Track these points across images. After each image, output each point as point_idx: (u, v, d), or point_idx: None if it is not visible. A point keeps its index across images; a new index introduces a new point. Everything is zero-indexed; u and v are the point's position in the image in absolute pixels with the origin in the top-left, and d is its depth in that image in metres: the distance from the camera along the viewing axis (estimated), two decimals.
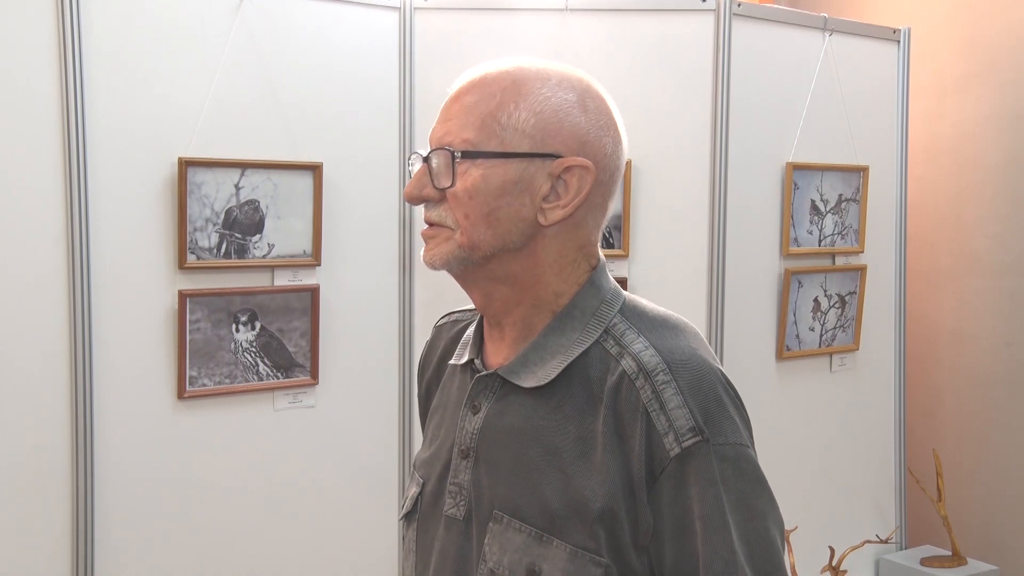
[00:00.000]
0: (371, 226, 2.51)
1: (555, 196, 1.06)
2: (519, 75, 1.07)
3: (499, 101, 1.05)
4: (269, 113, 2.34)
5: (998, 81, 3.09)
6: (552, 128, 1.05)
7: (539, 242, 1.07)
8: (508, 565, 1.04)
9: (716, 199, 2.58)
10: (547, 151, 1.05)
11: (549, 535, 1.03)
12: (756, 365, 2.75)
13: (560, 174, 1.05)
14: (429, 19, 2.54)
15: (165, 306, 2.22)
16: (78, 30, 2.08)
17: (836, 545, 2.78)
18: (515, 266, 1.07)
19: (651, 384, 1.02)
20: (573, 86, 1.08)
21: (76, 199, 2.09)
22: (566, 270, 1.09)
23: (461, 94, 1.08)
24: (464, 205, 1.05)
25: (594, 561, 1.01)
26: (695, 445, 1.00)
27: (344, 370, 2.48)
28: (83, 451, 2.12)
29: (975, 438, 3.18)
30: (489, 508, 1.07)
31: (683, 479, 1.00)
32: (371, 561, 2.52)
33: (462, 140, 1.05)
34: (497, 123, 1.04)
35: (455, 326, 1.28)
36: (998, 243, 3.11)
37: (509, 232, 1.05)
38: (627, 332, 1.07)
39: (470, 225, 1.05)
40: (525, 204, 1.05)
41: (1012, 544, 3.07)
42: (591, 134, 1.07)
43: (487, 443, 1.10)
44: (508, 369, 1.09)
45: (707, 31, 2.57)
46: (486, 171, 1.04)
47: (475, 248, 1.05)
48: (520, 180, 1.04)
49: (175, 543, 2.26)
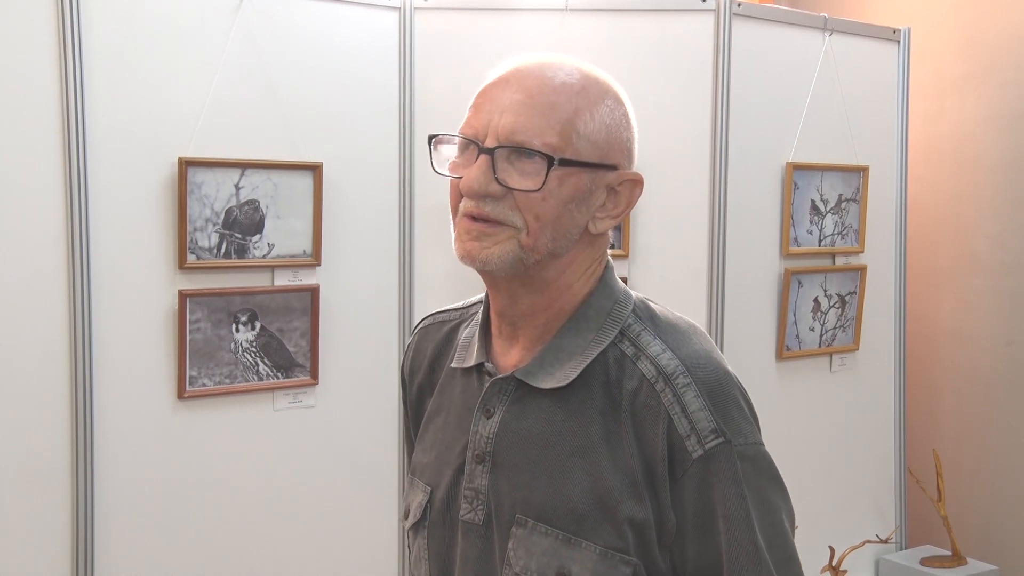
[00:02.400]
0: (371, 226, 2.51)
1: (606, 207, 1.08)
2: (584, 82, 1.07)
3: (575, 107, 1.04)
4: (269, 113, 2.34)
5: (998, 81, 3.09)
6: (615, 141, 1.07)
7: (578, 250, 1.08)
8: (536, 569, 1.04)
9: (716, 199, 2.58)
10: (610, 163, 1.07)
11: (577, 537, 1.03)
12: (756, 365, 2.75)
13: (616, 186, 1.08)
14: (429, 19, 2.54)
15: (165, 306, 2.22)
16: (78, 30, 2.08)
17: (836, 545, 2.78)
18: (551, 272, 1.08)
19: (671, 387, 1.03)
20: (622, 100, 1.10)
21: (76, 199, 2.09)
22: (593, 275, 1.11)
23: (521, 86, 1.04)
24: (537, 207, 1.03)
25: (624, 560, 1.02)
26: (718, 447, 1.02)
27: (344, 370, 2.48)
28: (83, 451, 2.12)
29: (975, 438, 3.18)
30: (511, 512, 1.07)
31: (706, 480, 1.02)
32: (371, 561, 2.52)
33: (544, 143, 1.02)
34: (575, 131, 1.04)
35: (442, 327, 1.26)
36: (998, 243, 3.11)
37: (565, 238, 1.06)
38: (643, 334, 1.08)
39: (539, 228, 1.04)
40: (583, 212, 1.07)
41: (1012, 544, 3.07)
42: (634, 148, 1.11)
43: (505, 447, 1.09)
44: (525, 371, 1.09)
45: (707, 31, 2.57)
46: (562, 177, 1.04)
47: (535, 251, 1.05)
48: (587, 189, 1.06)
49: (175, 543, 2.26)
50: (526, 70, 1.06)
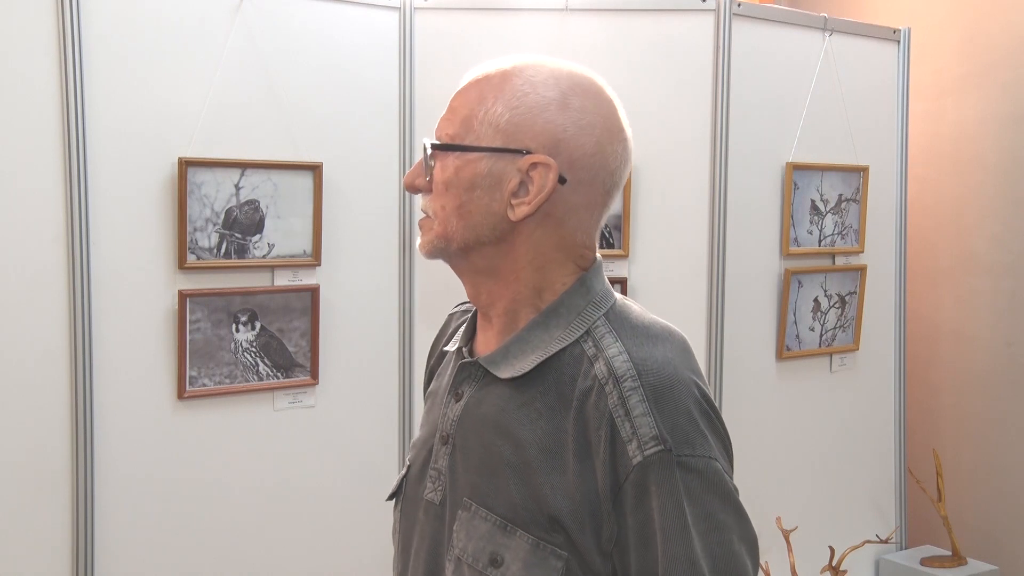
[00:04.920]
0: (371, 226, 2.51)
1: (524, 192, 1.06)
2: (510, 72, 1.08)
3: (481, 97, 1.07)
4: (269, 113, 2.34)
5: (998, 81, 3.09)
6: (524, 124, 1.06)
7: (516, 238, 1.08)
8: (472, 552, 1.05)
9: (716, 199, 2.58)
10: (517, 147, 1.06)
11: (513, 525, 1.03)
12: (756, 365, 2.75)
13: (527, 170, 1.06)
14: (429, 19, 2.54)
15: (165, 306, 2.22)
16: (78, 30, 2.08)
17: (836, 545, 2.78)
18: (495, 260, 1.09)
19: (618, 390, 1.01)
20: (559, 84, 1.07)
21: (76, 199, 2.09)
22: (547, 267, 1.09)
23: (460, 91, 1.11)
24: (440, 197, 1.08)
25: (555, 554, 1.01)
26: (657, 454, 0.99)
27: (344, 370, 2.48)
28: (83, 451, 2.12)
29: (975, 438, 3.18)
30: (461, 495, 1.09)
31: (645, 488, 0.99)
32: (371, 560, 2.51)
33: (445, 135, 1.09)
34: (475, 119, 1.07)
35: (463, 316, 1.29)
36: (998, 243, 3.11)
37: (480, 225, 1.07)
38: (606, 336, 1.06)
39: (445, 216, 1.08)
40: (495, 199, 1.06)
41: (1012, 544, 3.07)
42: (567, 132, 1.06)
43: (464, 431, 1.11)
44: (489, 359, 1.11)
45: (707, 31, 2.57)
46: (459, 165, 1.07)
47: (449, 239, 1.08)
48: (489, 174, 1.06)
49: (175, 543, 2.26)
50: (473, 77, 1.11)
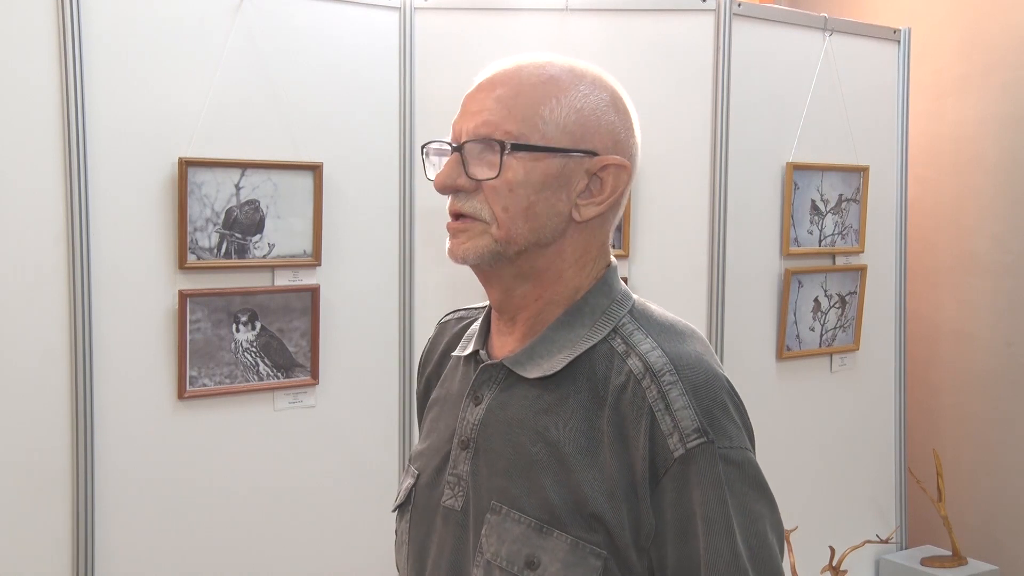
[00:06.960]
0: (371, 226, 2.51)
1: (589, 193, 1.07)
2: (555, 71, 1.07)
3: (540, 95, 1.05)
4: (269, 113, 2.34)
5: (998, 81, 3.09)
6: (591, 125, 1.07)
7: (567, 238, 1.08)
8: (506, 556, 1.04)
9: (716, 199, 2.58)
10: (586, 148, 1.06)
11: (550, 526, 1.03)
12: (756, 365, 2.75)
13: (597, 171, 1.07)
14: (429, 19, 2.54)
15: (165, 306, 2.22)
16: (78, 30, 2.08)
17: (836, 545, 2.78)
18: (541, 261, 1.08)
19: (657, 384, 1.02)
20: (605, 86, 1.10)
21: (76, 199, 2.09)
22: (587, 267, 1.11)
23: (494, 86, 1.07)
24: (504, 198, 1.05)
25: (594, 553, 1.01)
26: (699, 447, 1.00)
27: (344, 370, 2.48)
28: (83, 451, 2.12)
29: (975, 438, 3.18)
30: (488, 499, 1.07)
31: (686, 480, 1.00)
32: (371, 561, 2.51)
33: (504, 132, 1.04)
34: (540, 118, 1.05)
35: (459, 323, 1.28)
36: (998, 243, 3.11)
37: (544, 227, 1.06)
38: (635, 332, 1.08)
39: (509, 219, 1.05)
40: (562, 199, 1.06)
41: (1012, 544, 3.07)
42: (622, 134, 1.09)
43: (488, 434, 1.10)
44: (514, 360, 1.09)
45: (707, 31, 2.57)
46: (528, 165, 1.04)
47: (511, 242, 1.06)
48: (560, 175, 1.06)
49: (175, 543, 2.26)
50: (501, 72, 1.08)
